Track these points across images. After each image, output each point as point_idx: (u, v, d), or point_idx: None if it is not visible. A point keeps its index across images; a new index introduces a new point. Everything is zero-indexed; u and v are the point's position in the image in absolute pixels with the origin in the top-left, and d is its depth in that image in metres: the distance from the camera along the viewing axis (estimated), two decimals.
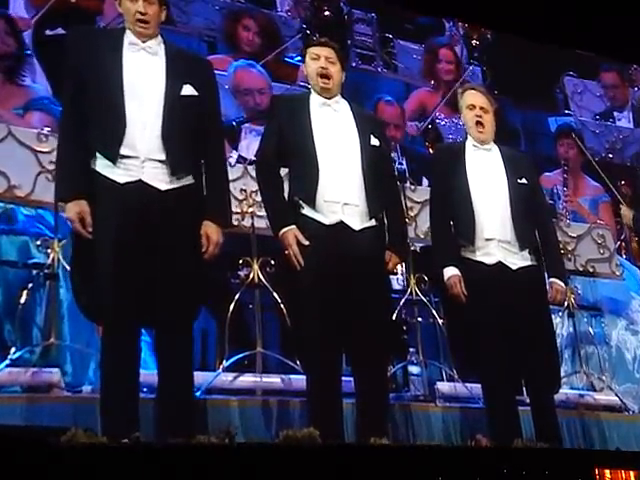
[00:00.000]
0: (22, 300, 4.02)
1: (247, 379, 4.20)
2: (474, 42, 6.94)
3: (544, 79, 7.02)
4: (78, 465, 2.76)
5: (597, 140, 6.82)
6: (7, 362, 3.82)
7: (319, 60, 3.84)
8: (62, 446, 2.78)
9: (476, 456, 3.71)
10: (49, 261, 4.02)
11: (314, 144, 3.70)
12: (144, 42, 3.46)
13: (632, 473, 3.61)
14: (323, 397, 3.56)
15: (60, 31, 5.27)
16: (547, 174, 6.20)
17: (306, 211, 3.68)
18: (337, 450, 3.28)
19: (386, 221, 3.83)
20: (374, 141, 3.81)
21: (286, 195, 3.76)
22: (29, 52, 5.07)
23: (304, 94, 4.00)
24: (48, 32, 5.32)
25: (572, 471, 3.55)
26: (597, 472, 3.54)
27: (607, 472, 3.56)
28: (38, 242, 4.13)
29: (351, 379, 3.67)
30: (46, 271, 4.03)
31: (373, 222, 3.74)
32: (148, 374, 3.56)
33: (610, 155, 6.13)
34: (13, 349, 3.89)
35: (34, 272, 4.14)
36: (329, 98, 3.83)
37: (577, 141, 6.16)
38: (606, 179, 5.97)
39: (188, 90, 3.46)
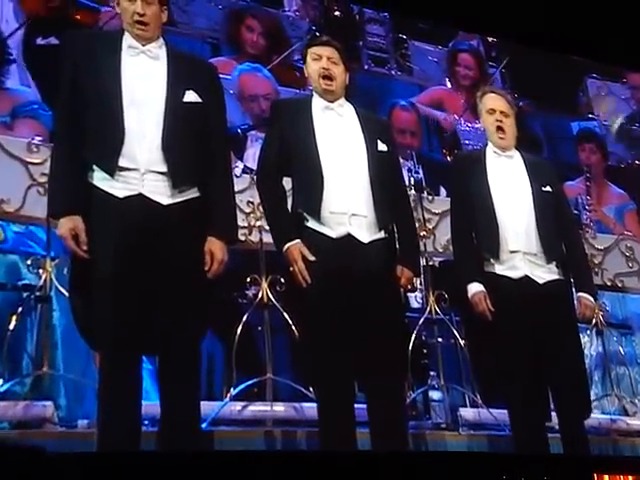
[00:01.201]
0: (11, 326, 3.84)
1: (257, 408, 4.02)
2: (490, 39, 6.72)
3: (566, 81, 6.80)
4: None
5: (623, 146, 6.61)
6: None
7: (321, 60, 3.66)
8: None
9: (476, 462, 3.61)
10: (41, 282, 3.87)
11: (318, 151, 3.53)
12: (144, 45, 3.29)
13: (631, 478, 3.57)
14: (335, 424, 3.37)
15: (53, 41, 5.08)
16: (570, 183, 5.99)
17: (311, 224, 3.49)
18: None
19: (397, 232, 3.64)
20: (381, 146, 3.64)
21: (290, 207, 3.58)
22: (13, 57, 4.89)
23: (306, 98, 3.81)
24: (39, 41, 5.14)
25: (571, 477, 3.52)
26: (596, 477, 3.49)
27: (606, 477, 3.51)
28: (29, 261, 3.98)
29: (364, 406, 3.45)
30: (38, 293, 3.87)
31: (382, 234, 3.55)
32: (150, 405, 3.35)
33: (637, 161, 5.96)
34: (1, 381, 3.72)
35: (24, 294, 3.99)
36: (332, 101, 3.65)
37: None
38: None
39: (191, 97, 3.29)
